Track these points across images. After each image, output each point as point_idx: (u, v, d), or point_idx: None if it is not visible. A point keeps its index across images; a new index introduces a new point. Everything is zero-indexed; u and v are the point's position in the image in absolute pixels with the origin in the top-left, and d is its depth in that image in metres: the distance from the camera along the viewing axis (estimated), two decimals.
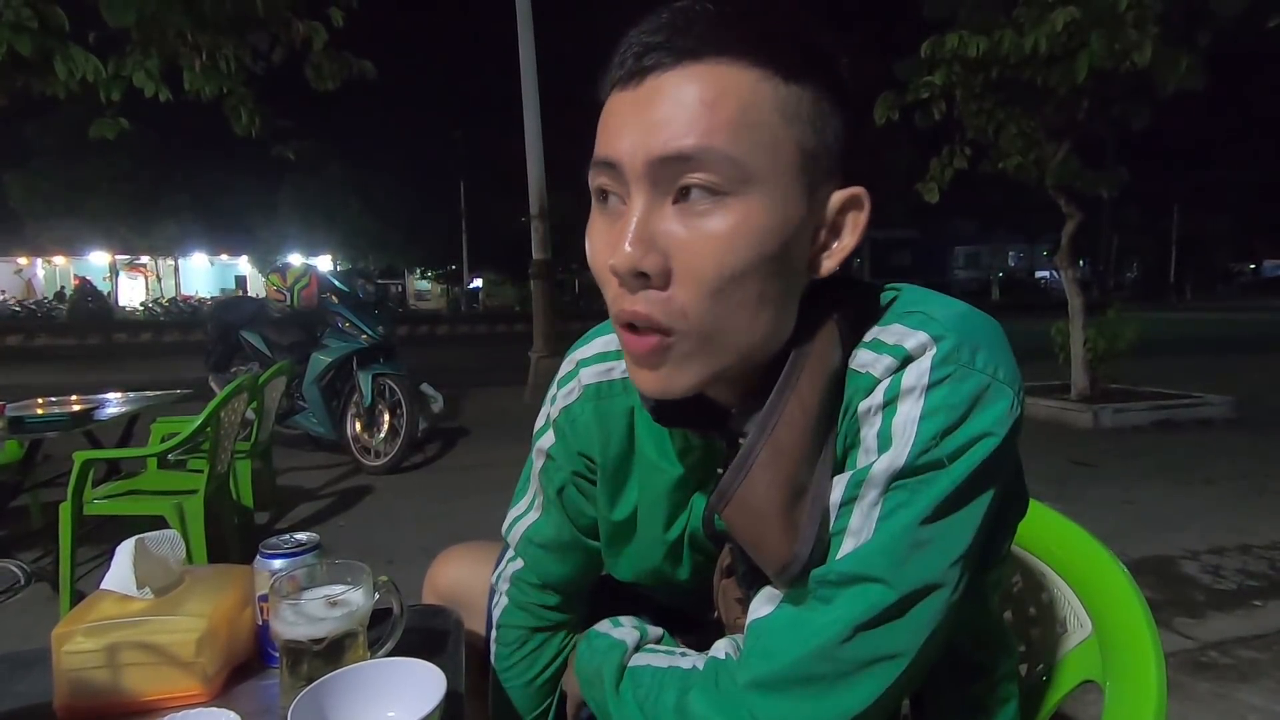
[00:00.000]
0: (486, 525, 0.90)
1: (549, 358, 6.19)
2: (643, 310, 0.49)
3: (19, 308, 25.86)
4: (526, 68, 6.42)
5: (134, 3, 3.51)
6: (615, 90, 0.50)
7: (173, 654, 0.65)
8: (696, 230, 0.47)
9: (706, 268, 0.47)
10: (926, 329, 0.50)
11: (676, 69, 0.47)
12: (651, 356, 0.50)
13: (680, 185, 0.47)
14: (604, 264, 0.51)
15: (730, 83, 0.46)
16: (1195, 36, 4.71)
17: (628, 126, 0.48)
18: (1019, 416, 0.50)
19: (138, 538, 0.72)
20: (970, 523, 0.50)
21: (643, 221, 0.48)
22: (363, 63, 4.50)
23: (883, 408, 0.50)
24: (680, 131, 0.46)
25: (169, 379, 3.86)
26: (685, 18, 0.47)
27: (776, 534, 0.52)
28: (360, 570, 0.68)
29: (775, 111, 0.47)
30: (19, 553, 2.66)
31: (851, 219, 0.52)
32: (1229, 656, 1.94)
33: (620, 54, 0.49)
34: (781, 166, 0.48)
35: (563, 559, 0.76)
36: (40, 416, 2.32)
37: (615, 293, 0.51)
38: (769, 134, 0.47)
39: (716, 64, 0.46)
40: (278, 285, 4.53)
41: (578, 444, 0.70)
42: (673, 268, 0.48)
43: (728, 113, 0.46)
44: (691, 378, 0.51)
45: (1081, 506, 3.27)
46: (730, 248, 0.47)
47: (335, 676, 0.60)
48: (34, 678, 0.69)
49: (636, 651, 0.64)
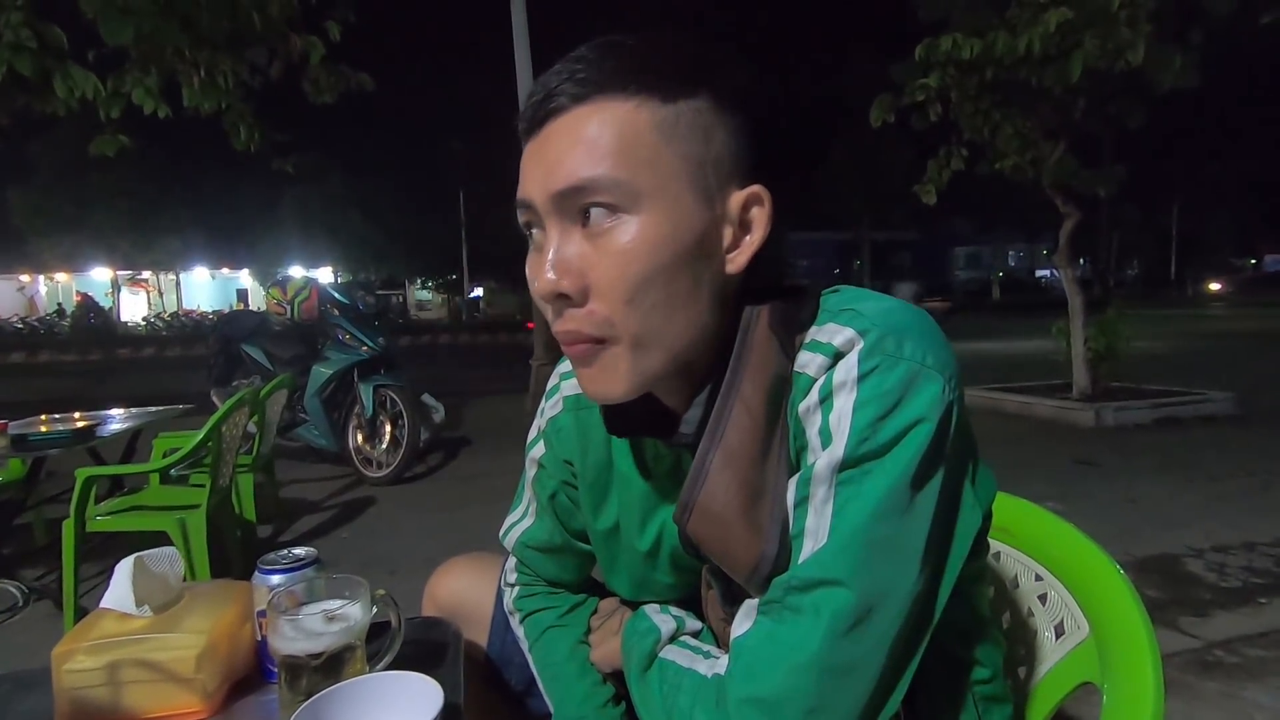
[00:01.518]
0: (490, 535, 0.91)
1: (550, 366, 6.18)
2: (572, 327, 0.54)
3: (21, 324, 25.96)
4: (523, 78, 6.46)
5: (132, 21, 3.54)
6: (524, 139, 0.56)
7: (173, 671, 0.66)
8: (602, 248, 0.52)
9: (615, 279, 0.52)
10: (853, 325, 0.53)
11: (567, 113, 0.52)
12: (587, 357, 0.55)
13: (582, 210, 0.52)
14: (533, 289, 0.55)
15: (609, 115, 0.51)
16: (1189, 35, 4.73)
17: (532, 169, 0.54)
18: (955, 402, 0.52)
19: (136, 556, 0.73)
20: (923, 514, 0.50)
21: (558, 249, 0.53)
22: (360, 75, 4.53)
23: (819, 405, 0.52)
24: (573, 167, 0.51)
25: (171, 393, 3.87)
26: (573, 66, 0.53)
27: (741, 537, 0.54)
28: (358, 584, 0.68)
29: (653, 131, 0.52)
30: (23, 570, 2.66)
31: (757, 215, 0.55)
32: (1235, 655, 1.93)
33: (524, 108, 0.55)
34: (668, 179, 0.52)
35: (558, 562, 0.81)
36: (43, 434, 2.33)
37: (551, 315, 0.56)
38: (649, 152, 0.51)
39: (598, 101, 0.52)
40: (278, 299, 4.54)
41: (563, 452, 0.76)
42: (589, 284, 0.53)
43: (607, 142, 0.51)
44: (626, 379, 0.55)
45: (1084, 505, 3.27)
46: (634, 258, 0.51)
47: (334, 691, 0.60)
48: (36, 697, 0.69)
49: (670, 643, 0.65)
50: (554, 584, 0.83)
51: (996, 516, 0.86)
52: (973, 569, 0.61)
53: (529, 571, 0.83)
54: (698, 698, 0.56)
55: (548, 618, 0.81)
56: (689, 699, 0.57)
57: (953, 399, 0.51)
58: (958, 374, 0.53)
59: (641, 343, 0.54)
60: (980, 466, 0.58)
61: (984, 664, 0.64)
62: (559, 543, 0.79)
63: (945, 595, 0.53)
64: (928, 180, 5.76)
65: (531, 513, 0.81)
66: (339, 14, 4.27)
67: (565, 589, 0.83)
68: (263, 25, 3.93)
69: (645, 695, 0.62)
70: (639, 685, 0.63)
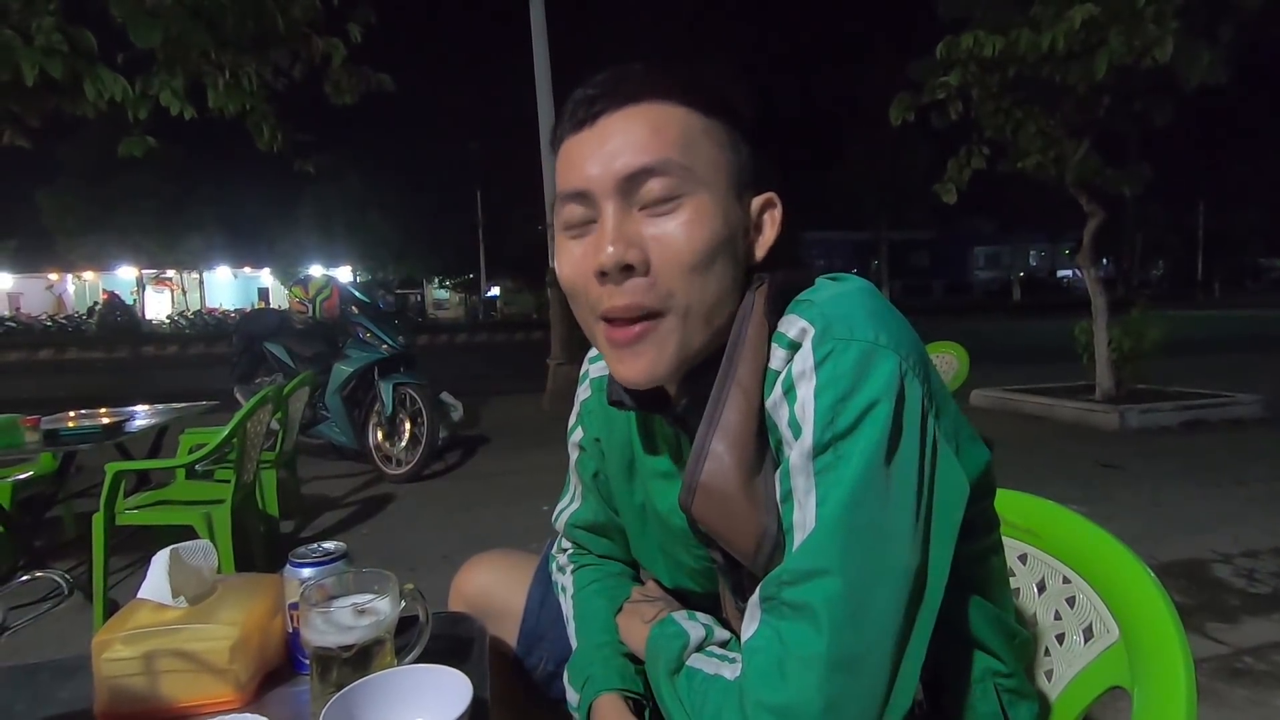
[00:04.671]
0: (508, 532, 0.92)
1: (567, 365, 6.20)
2: (635, 300, 0.58)
3: (50, 323, 26.48)
4: (541, 78, 6.48)
5: (160, 24, 3.60)
6: (569, 136, 0.61)
7: (207, 661, 0.67)
8: (664, 226, 0.57)
9: (679, 252, 0.57)
10: (805, 315, 0.56)
11: (621, 110, 0.58)
12: (637, 341, 0.59)
13: (642, 193, 0.58)
14: (580, 275, 0.60)
15: (668, 116, 0.58)
16: (1218, 30, 4.64)
17: (591, 158, 0.58)
18: (915, 376, 0.53)
19: (172, 548, 0.74)
20: (901, 492, 0.51)
21: (618, 227, 0.58)
22: (380, 76, 4.57)
23: (784, 397, 0.54)
24: (639, 153, 0.57)
25: (195, 390, 3.93)
26: (621, 73, 0.60)
27: (742, 510, 0.56)
28: (386, 579, 0.69)
29: (704, 135, 0.59)
30: (54, 562, 2.72)
31: (769, 216, 0.63)
32: (1265, 662, 1.89)
33: (569, 108, 0.61)
34: (717, 175, 0.59)
35: (606, 539, 0.86)
36: (73, 429, 2.38)
37: (597, 294, 0.59)
38: (704, 151, 0.59)
39: (652, 105, 0.59)
40: (300, 297, 4.60)
41: (594, 431, 0.81)
42: (651, 259, 0.57)
43: (672, 135, 0.58)
44: (674, 357, 0.59)
45: (1108, 509, 3.22)
46: (693, 235, 0.57)
47: (364, 683, 0.61)
48: (75, 684, 0.71)
49: (698, 651, 0.65)
50: (604, 557, 0.87)
51: (1023, 518, 0.86)
52: (977, 549, 0.61)
53: (580, 547, 0.88)
54: (724, 702, 0.56)
55: (595, 573, 0.84)
56: (716, 703, 0.57)
57: (911, 372, 0.52)
58: (915, 348, 0.54)
59: (692, 315, 0.58)
60: (966, 435, 0.59)
61: (1003, 657, 0.64)
62: (604, 521, 0.84)
63: (942, 572, 0.53)
64: (948, 179, 5.69)
65: (578, 496, 0.87)
66: (360, 16, 4.31)
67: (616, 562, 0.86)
68: (286, 28, 3.98)
69: (673, 700, 0.63)
70: (667, 688, 0.64)
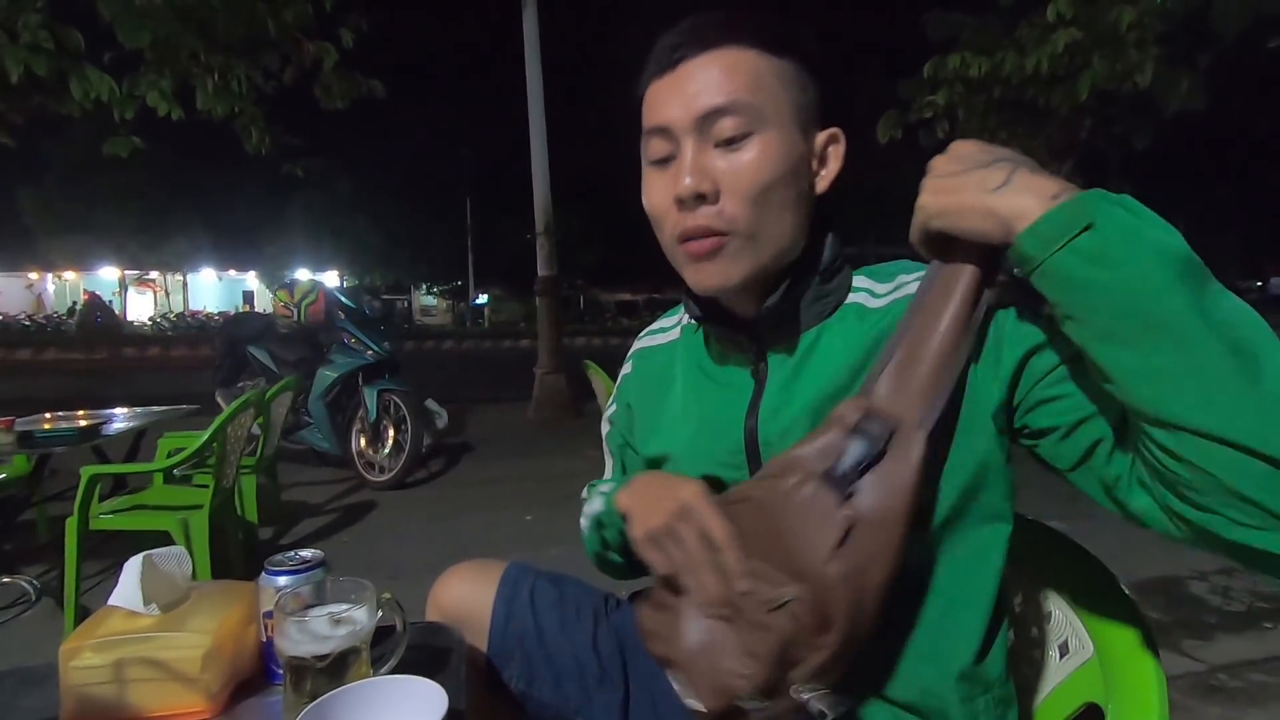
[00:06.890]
0: (490, 541, 0.92)
1: (554, 373, 6.18)
2: (703, 223, 0.67)
3: (29, 322, 26.06)
4: (533, 87, 6.50)
5: (148, 24, 3.59)
6: (654, 80, 0.69)
7: (178, 670, 0.66)
8: (735, 160, 0.66)
9: (746, 183, 0.66)
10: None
11: (700, 56, 0.66)
12: (711, 253, 0.67)
13: (717, 130, 0.66)
14: (663, 202, 0.69)
15: (739, 59, 0.66)
16: (1197, 57, 4.75)
17: (673, 99, 0.67)
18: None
19: (145, 554, 0.73)
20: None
21: (694, 160, 0.66)
22: (371, 82, 4.57)
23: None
24: (714, 94, 0.65)
25: (176, 394, 3.88)
26: (701, 21, 0.68)
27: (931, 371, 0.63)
28: (363, 588, 0.68)
29: (773, 76, 0.67)
30: (25, 567, 2.66)
31: (833, 151, 0.72)
32: (1239, 680, 1.91)
33: (656, 55, 0.69)
34: (783, 113, 0.67)
35: None
36: (48, 431, 2.34)
37: (675, 219, 0.68)
38: (772, 91, 0.67)
39: (727, 49, 0.66)
40: (285, 301, 4.56)
41: (628, 398, 0.90)
42: (721, 189, 0.66)
43: (744, 77, 0.66)
44: (742, 269, 0.68)
45: (1087, 524, 3.23)
46: (760, 168, 0.66)
47: (338, 694, 0.60)
48: (41, 693, 0.69)
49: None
50: None
51: None
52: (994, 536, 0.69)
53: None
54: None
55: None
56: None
57: None
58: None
59: (757, 237, 0.67)
60: None
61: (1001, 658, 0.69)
62: None
63: None
64: None
65: (610, 471, 0.95)
66: (352, 22, 4.31)
67: None
68: (277, 31, 3.98)
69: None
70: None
